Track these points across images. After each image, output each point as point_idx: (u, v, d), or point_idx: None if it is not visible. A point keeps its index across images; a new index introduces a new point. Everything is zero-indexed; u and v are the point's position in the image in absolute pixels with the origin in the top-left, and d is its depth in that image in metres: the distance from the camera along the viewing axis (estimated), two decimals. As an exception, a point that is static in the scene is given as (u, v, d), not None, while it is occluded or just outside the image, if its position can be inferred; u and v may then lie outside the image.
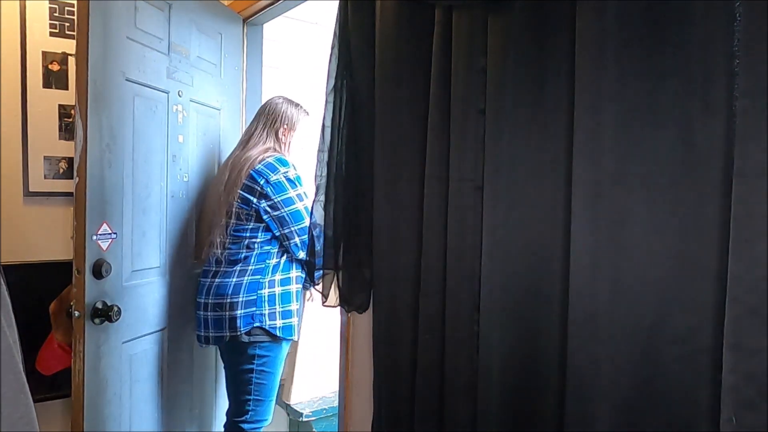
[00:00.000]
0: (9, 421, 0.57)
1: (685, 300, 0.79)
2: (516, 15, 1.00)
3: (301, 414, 2.37)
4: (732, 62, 0.74)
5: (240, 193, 1.83)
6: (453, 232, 1.13)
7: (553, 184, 0.96)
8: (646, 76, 0.82)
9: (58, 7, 2.10)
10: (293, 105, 1.97)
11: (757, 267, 0.68)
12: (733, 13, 0.73)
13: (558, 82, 0.95)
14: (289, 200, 1.83)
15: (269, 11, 2.17)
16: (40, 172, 2.10)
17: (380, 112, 1.32)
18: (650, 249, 0.82)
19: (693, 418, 0.79)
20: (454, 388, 1.14)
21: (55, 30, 2.10)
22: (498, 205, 1.04)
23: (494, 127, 1.05)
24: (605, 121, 0.86)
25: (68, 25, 2.12)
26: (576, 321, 0.90)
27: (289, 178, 1.85)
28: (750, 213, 0.69)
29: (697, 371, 0.78)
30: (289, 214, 1.83)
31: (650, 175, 0.82)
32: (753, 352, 0.69)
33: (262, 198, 1.82)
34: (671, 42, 0.80)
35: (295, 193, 1.84)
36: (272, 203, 1.82)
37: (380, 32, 1.30)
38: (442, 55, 1.15)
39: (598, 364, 0.87)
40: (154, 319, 1.83)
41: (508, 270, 1.03)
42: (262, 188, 1.81)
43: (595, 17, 0.87)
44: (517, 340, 1.02)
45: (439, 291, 1.16)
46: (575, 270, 0.90)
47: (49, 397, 2.07)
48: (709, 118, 0.77)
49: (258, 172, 1.82)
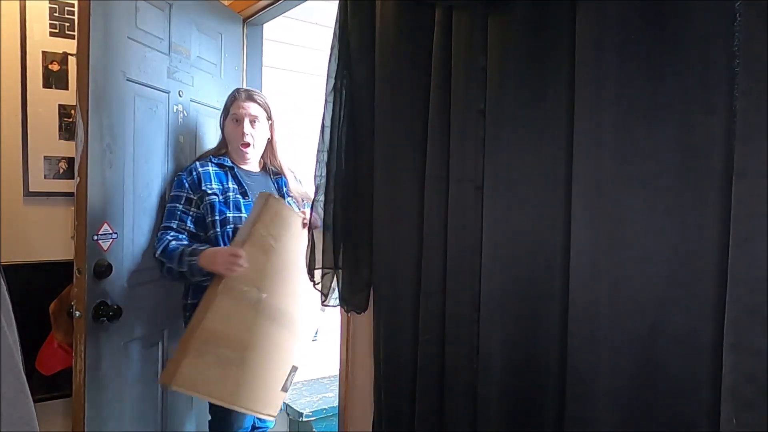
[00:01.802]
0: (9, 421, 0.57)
1: (685, 300, 0.79)
2: (516, 15, 1.00)
3: (301, 414, 2.37)
4: (732, 62, 0.74)
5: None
6: (453, 232, 1.13)
7: (553, 183, 0.96)
8: (646, 76, 0.82)
9: (58, 7, 2.10)
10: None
11: (757, 267, 0.68)
12: (733, 13, 0.73)
13: (558, 81, 0.95)
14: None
15: (269, 11, 2.17)
16: (40, 172, 2.10)
17: (380, 112, 1.32)
18: (650, 249, 0.82)
19: (693, 418, 0.79)
20: (454, 388, 1.14)
21: (55, 30, 2.10)
22: (498, 204, 1.04)
23: (494, 127, 1.05)
24: (605, 121, 0.86)
25: (68, 25, 2.12)
26: (576, 321, 0.90)
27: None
28: (750, 213, 0.69)
29: (697, 371, 0.78)
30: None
31: (650, 175, 0.82)
32: (753, 352, 0.69)
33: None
34: (671, 42, 0.80)
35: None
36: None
37: (380, 32, 1.30)
38: (442, 55, 1.15)
39: (598, 363, 0.87)
40: (155, 319, 1.83)
41: (508, 270, 1.03)
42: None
43: (595, 17, 0.87)
44: (517, 340, 1.02)
45: (439, 291, 1.16)
46: (575, 270, 0.90)
47: (49, 397, 2.07)
48: (709, 118, 0.77)
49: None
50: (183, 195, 1.76)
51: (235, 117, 1.82)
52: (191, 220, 1.76)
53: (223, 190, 1.79)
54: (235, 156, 1.87)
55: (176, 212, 1.75)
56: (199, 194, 1.76)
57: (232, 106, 1.84)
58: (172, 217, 1.75)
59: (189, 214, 1.76)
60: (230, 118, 1.84)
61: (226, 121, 1.86)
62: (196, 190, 1.76)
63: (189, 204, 1.76)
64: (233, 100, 1.84)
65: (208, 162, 1.83)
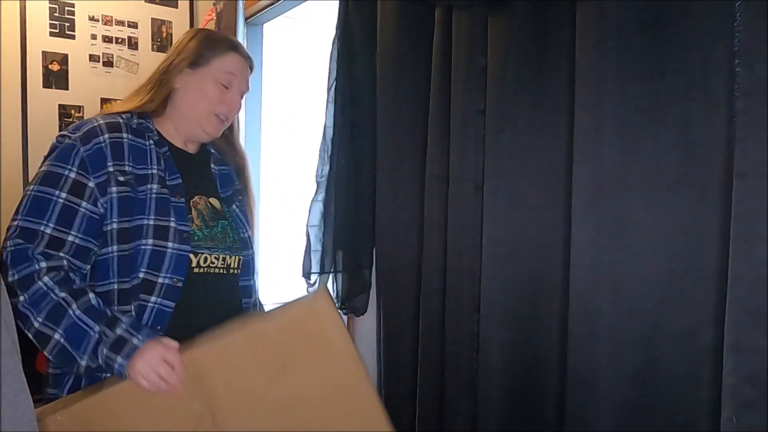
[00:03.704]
0: (9, 421, 0.57)
1: (685, 300, 0.79)
2: (516, 15, 1.00)
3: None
4: (732, 62, 0.74)
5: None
6: (453, 232, 1.13)
7: (553, 183, 0.96)
8: (646, 76, 0.82)
9: (58, 7, 2.10)
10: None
11: (757, 267, 0.68)
12: (733, 13, 0.73)
13: (558, 82, 0.95)
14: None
15: (269, 11, 2.17)
16: (40, 172, 2.10)
17: (381, 112, 1.32)
18: (650, 248, 0.82)
19: (693, 418, 0.79)
20: (454, 388, 1.14)
21: (55, 30, 2.10)
22: (498, 204, 1.04)
23: (494, 127, 1.05)
24: (605, 121, 0.86)
25: (68, 25, 2.12)
26: (576, 321, 0.90)
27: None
28: (750, 213, 0.69)
29: (697, 371, 0.78)
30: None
31: (650, 175, 0.82)
32: (753, 352, 0.69)
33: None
34: (671, 42, 0.80)
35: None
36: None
37: (381, 32, 1.30)
38: (442, 55, 1.15)
39: (598, 363, 0.87)
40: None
41: (508, 270, 1.03)
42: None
43: (595, 17, 0.87)
44: (517, 340, 1.02)
45: (440, 291, 1.16)
46: (575, 270, 0.90)
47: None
48: (709, 118, 0.77)
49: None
50: (68, 176, 0.97)
51: (224, 79, 1.08)
52: (82, 226, 0.96)
53: (142, 176, 1.02)
54: (186, 124, 1.09)
55: (52, 206, 0.95)
56: (99, 179, 0.97)
57: (222, 61, 1.09)
58: (39, 214, 0.95)
59: (78, 212, 0.96)
60: (211, 76, 1.07)
61: (199, 73, 1.07)
62: (97, 169, 0.98)
63: (79, 194, 0.96)
64: (225, 51, 1.09)
65: (121, 124, 1.03)
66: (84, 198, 0.96)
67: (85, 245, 0.96)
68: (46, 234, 0.94)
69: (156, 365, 0.88)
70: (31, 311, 0.91)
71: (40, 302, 0.90)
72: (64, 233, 0.95)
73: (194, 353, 0.91)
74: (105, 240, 0.98)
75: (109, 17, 2.16)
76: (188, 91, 1.08)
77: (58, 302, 0.90)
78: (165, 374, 0.88)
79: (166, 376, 0.88)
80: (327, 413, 0.95)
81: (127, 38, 2.19)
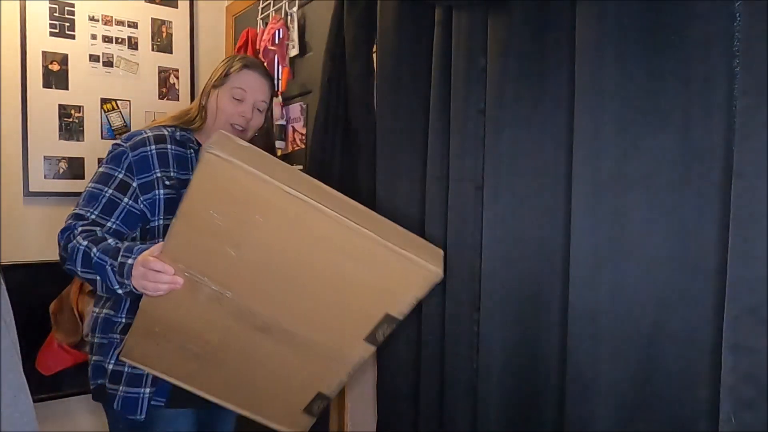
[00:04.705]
0: (9, 421, 0.57)
1: (685, 299, 0.79)
2: (516, 15, 1.00)
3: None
4: (732, 62, 0.74)
5: None
6: (453, 232, 1.13)
7: (553, 183, 0.96)
8: (646, 76, 0.82)
9: (58, 7, 2.10)
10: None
11: (756, 267, 0.68)
12: (733, 13, 0.73)
13: (558, 81, 0.95)
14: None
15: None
16: (40, 172, 2.10)
17: (380, 112, 1.32)
18: (650, 248, 0.82)
19: (693, 418, 0.79)
20: (454, 388, 1.14)
21: (55, 30, 2.10)
22: (498, 204, 1.04)
23: (494, 126, 1.05)
24: (605, 121, 0.86)
25: (68, 25, 2.12)
26: (576, 321, 0.90)
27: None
28: (750, 213, 0.69)
29: (697, 371, 0.78)
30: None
31: (650, 175, 0.82)
32: (752, 352, 0.69)
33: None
34: (671, 42, 0.80)
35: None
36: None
37: (380, 32, 1.30)
38: (442, 54, 1.15)
39: (598, 363, 0.87)
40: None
41: (508, 270, 1.03)
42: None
43: (595, 17, 0.87)
44: (517, 340, 1.02)
45: (439, 291, 1.16)
46: (575, 270, 0.90)
47: (49, 397, 2.06)
48: (709, 118, 0.77)
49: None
50: (117, 176, 1.21)
51: (237, 94, 1.31)
52: (121, 216, 1.20)
53: (184, 180, 1.23)
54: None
55: (100, 198, 1.19)
56: (141, 180, 1.21)
57: (236, 78, 1.31)
58: (90, 204, 1.19)
59: (119, 204, 1.20)
60: (226, 92, 1.31)
61: (220, 91, 1.31)
62: (141, 173, 1.22)
63: (123, 191, 1.20)
64: (239, 70, 1.32)
65: (166, 136, 1.27)
66: (126, 195, 1.20)
67: (119, 229, 1.20)
68: (90, 218, 1.17)
69: (142, 276, 1.01)
70: (74, 266, 1.13)
71: (75, 256, 1.12)
72: (105, 219, 1.18)
73: (165, 247, 1.01)
74: (153, 234, 1.22)
75: (109, 17, 2.16)
76: (212, 107, 1.32)
77: (85, 251, 1.11)
78: (153, 279, 1.00)
79: (155, 280, 1.00)
80: (305, 283, 0.99)
81: (127, 38, 2.19)
